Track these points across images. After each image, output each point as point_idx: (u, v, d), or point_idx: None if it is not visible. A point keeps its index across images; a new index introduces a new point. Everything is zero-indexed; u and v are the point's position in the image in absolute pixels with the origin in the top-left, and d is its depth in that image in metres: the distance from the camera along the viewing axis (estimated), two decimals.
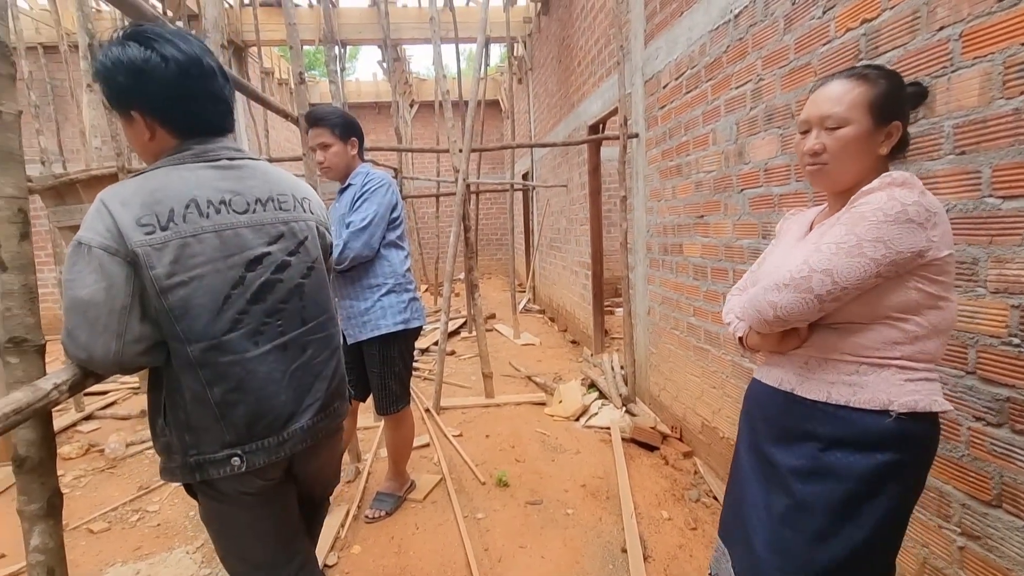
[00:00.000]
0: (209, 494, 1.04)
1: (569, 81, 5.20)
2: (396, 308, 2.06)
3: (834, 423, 0.98)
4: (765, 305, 0.99)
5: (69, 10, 5.03)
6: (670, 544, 2.02)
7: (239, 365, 0.98)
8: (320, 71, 15.92)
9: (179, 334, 0.93)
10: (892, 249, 0.89)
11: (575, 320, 5.43)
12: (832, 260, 0.92)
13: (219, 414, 0.97)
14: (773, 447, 1.08)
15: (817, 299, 0.94)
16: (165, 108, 0.96)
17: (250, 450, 1.00)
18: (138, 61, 0.90)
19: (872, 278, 0.91)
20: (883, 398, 0.94)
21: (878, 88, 0.97)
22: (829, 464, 0.98)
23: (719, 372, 2.45)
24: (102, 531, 2.27)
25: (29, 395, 0.77)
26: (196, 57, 0.96)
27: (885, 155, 1.00)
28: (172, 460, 1.00)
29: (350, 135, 2.05)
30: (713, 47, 2.38)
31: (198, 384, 0.95)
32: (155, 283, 0.89)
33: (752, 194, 2.14)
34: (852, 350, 0.97)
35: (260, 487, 1.05)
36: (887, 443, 0.94)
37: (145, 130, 0.97)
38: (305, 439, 1.09)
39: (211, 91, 0.99)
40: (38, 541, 0.86)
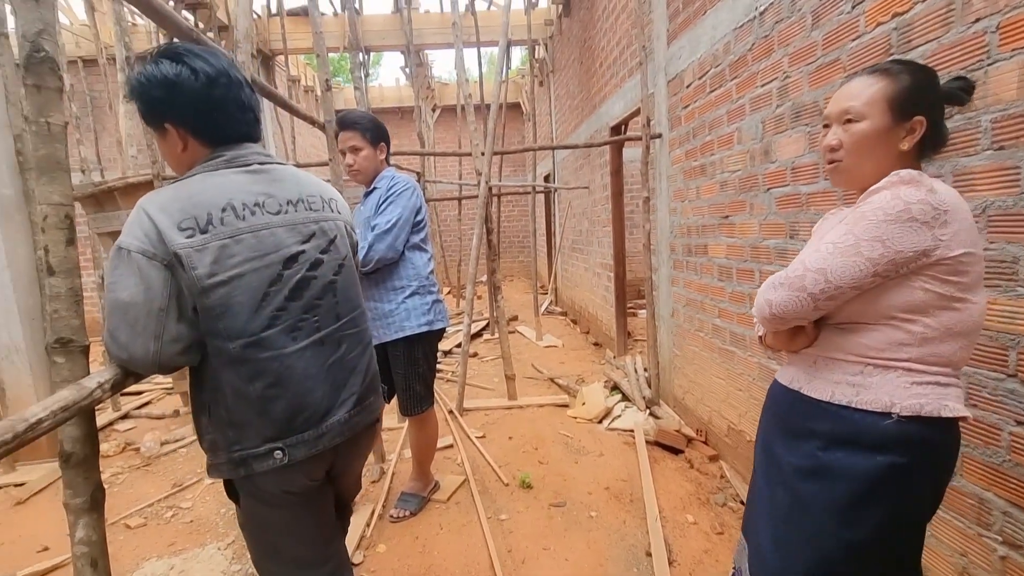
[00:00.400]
0: (253, 493, 1.07)
1: (591, 83, 5.18)
2: (420, 310, 2.09)
3: (835, 422, 0.97)
4: (763, 302, 1.01)
5: (107, 25, 5.23)
6: (695, 548, 1.99)
7: (278, 360, 1.01)
8: (344, 78, 16.20)
9: (220, 331, 0.96)
10: (890, 248, 0.88)
11: (597, 322, 5.40)
12: (827, 259, 0.93)
13: (260, 409, 1.00)
14: (779, 444, 1.08)
15: (811, 298, 0.94)
16: (196, 118, 1.00)
17: (291, 443, 1.03)
18: (171, 75, 0.96)
19: (869, 278, 0.90)
20: (886, 400, 0.92)
21: (899, 83, 0.95)
22: (828, 463, 0.97)
23: (745, 375, 2.41)
24: (139, 526, 2.34)
25: (75, 393, 0.81)
26: (224, 69, 1.01)
27: (908, 151, 0.97)
28: (218, 457, 1.04)
29: (379, 140, 2.09)
30: (738, 45, 2.34)
31: (239, 380, 0.99)
32: (197, 283, 0.93)
33: (779, 193, 2.10)
34: (857, 350, 0.96)
35: (304, 487, 1.08)
36: (888, 446, 0.92)
37: (178, 141, 1.02)
38: (343, 432, 1.11)
39: (238, 100, 1.04)
40: (83, 534, 0.90)
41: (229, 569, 2.00)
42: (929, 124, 0.95)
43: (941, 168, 1.38)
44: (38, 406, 0.75)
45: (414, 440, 2.31)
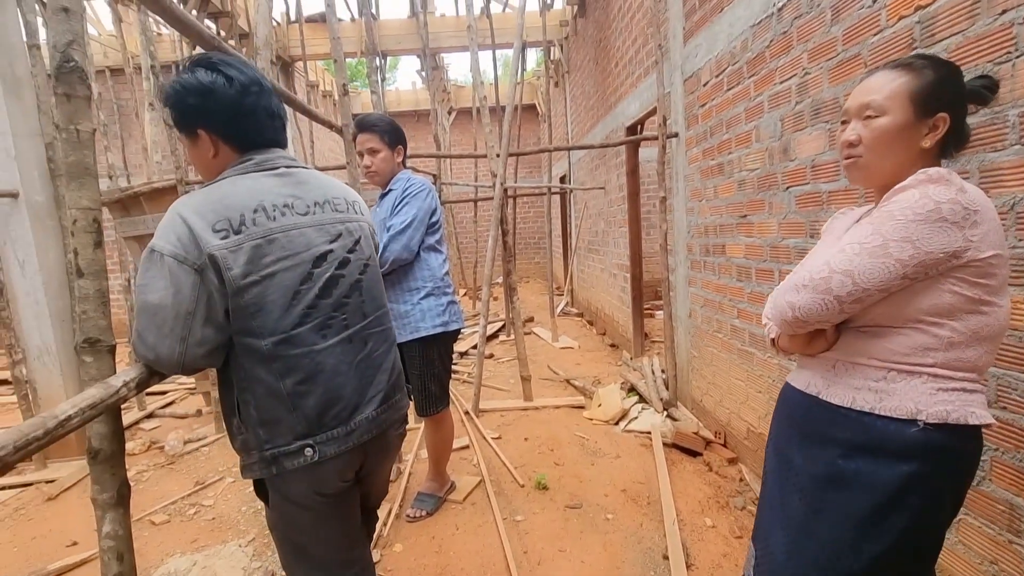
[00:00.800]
0: (283, 493, 1.08)
1: (606, 83, 5.17)
2: (435, 311, 2.10)
3: (856, 429, 0.94)
4: (784, 305, 0.97)
5: (133, 35, 5.38)
6: (714, 552, 1.97)
7: (308, 357, 1.03)
8: (361, 82, 16.40)
9: (254, 329, 0.99)
10: (921, 250, 0.85)
11: (614, 323, 5.37)
12: (854, 261, 0.89)
13: (291, 405, 1.02)
14: (794, 450, 1.05)
15: (837, 300, 0.91)
16: (228, 125, 1.04)
17: (321, 440, 1.04)
18: (206, 83, 0.99)
19: (898, 280, 0.87)
20: (910, 407, 0.89)
21: (923, 78, 0.92)
22: (849, 472, 0.94)
23: (765, 376, 2.37)
24: (163, 523, 2.40)
25: (102, 391, 0.83)
26: (256, 78, 1.05)
27: (929, 149, 0.94)
28: (250, 456, 1.06)
29: (397, 143, 2.11)
30: (756, 42, 2.31)
31: (271, 376, 1.00)
32: (233, 283, 0.95)
33: (799, 192, 2.07)
34: (880, 355, 0.93)
35: (335, 488, 1.10)
36: (912, 454, 0.89)
37: (211, 147, 1.05)
38: (371, 429, 1.13)
39: (269, 108, 1.08)
40: (109, 528, 0.92)
41: (250, 566, 2.04)
42: (952, 121, 0.92)
43: (967, 164, 1.34)
44: (67, 403, 0.77)
45: (430, 440, 2.32)
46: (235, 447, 1.08)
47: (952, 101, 0.93)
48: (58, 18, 0.80)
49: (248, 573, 1.99)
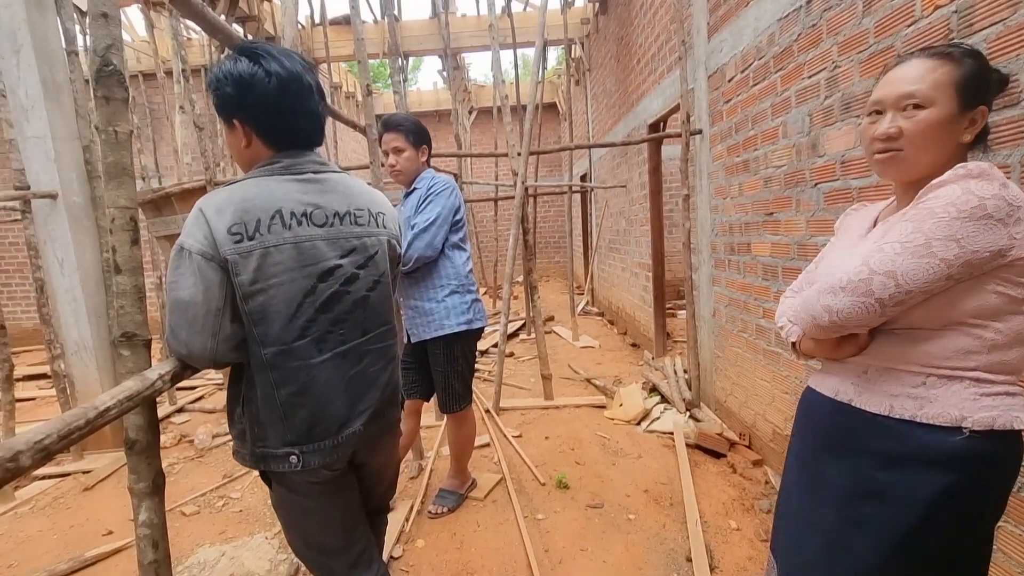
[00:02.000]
0: (281, 481, 1.12)
1: (628, 80, 5.12)
2: (459, 309, 2.11)
3: (895, 439, 0.89)
4: (820, 309, 0.92)
5: (165, 40, 5.54)
6: (739, 556, 1.94)
7: (304, 371, 1.04)
8: (383, 83, 16.57)
9: (256, 337, 1.00)
10: (966, 249, 0.80)
11: (635, 323, 5.32)
12: (896, 261, 0.84)
13: (283, 414, 1.04)
14: (824, 462, 1.00)
15: (878, 303, 0.86)
16: (263, 119, 1.03)
17: (307, 451, 1.06)
18: (245, 74, 0.98)
19: (942, 280, 0.83)
20: (954, 413, 0.84)
21: (965, 68, 0.87)
22: (887, 484, 0.90)
23: (792, 377, 2.32)
24: (193, 514, 2.47)
25: (139, 384, 0.86)
26: (297, 74, 1.02)
27: (965, 144, 0.90)
28: (243, 447, 1.09)
29: (422, 142, 2.12)
30: (783, 36, 2.27)
31: (268, 385, 1.02)
32: (239, 289, 0.97)
33: (827, 188, 2.02)
34: (919, 359, 0.88)
35: (325, 477, 1.12)
36: (956, 463, 0.85)
37: (243, 138, 1.05)
38: (356, 444, 1.14)
39: (306, 107, 1.05)
40: (145, 516, 0.95)
41: (276, 558, 2.08)
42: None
43: (1008, 157, 1.29)
44: (106, 395, 0.80)
45: (452, 437, 2.34)
46: (232, 433, 1.11)
47: (988, 93, 0.89)
48: (98, 23, 0.83)
49: (274, 565, 2.03)
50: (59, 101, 2.92)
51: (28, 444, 0.65)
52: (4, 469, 0.61)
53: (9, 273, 7.88)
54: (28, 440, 0.65)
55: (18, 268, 7.88)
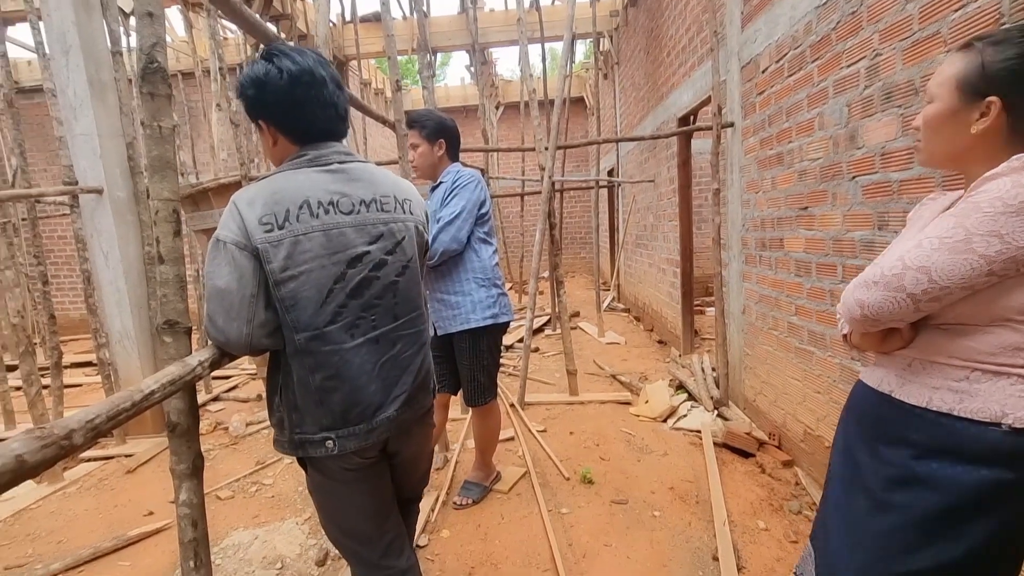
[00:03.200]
0: (317, 467, 1.15)
1: (657, 73, 5.04)
2: (486, 303, 2.12)
3: (932, 431, 0.89)
4: (853, 303, 0.92)
5: (203, 40, 5.71)
6: (767, 556, 1.90)
7: (337, 355, 1.06)
8: (412, 79, 16.71)
9: (289, 323, 1.03)
10: (1011, 244, 0.78)
11: (662, 319, 5.26)
12: (932, 256, 0.83)
13: (319, 399, 1.07)
14: (863, 450, 1.00)
15: (911, 299, 0.85)
16: (281, 116, 1.07)
17: (342, 435, 1.09)
18: (260, 75, 1.02)
19: (983, 277, 0.81)
20: (996, 409, 0.83)
21: (968, 61, 0.87)
22: (922, 473, 0.89)
23: (824, 376, 2.26)
24: (227, 498, 2.56)
25: (180, 369, 0.90)
26: (308, 68, 1.04)
27: (987, 135, 0.86)
28: (282, 435, 1.12)
29: (437, 136, 2.13)
30: (820, 24, 2.20)
31: (303, 370, 1.05)
32: (271, 276, 1.00)
33: (866, 181, 1.96)
34: (963, 354, 0.87)
35: (359, 463, 1.15)
36: (996, 458, 0.83)
37: (269, 137, 1.10)
38: (391, 428, 1.16)
39: (320, 99, 1.07)
40: (185, 496, 1.00)
41: (306, 543, 2.14)
42: (1008, 106, 0.84)
43: None
44: (150, 379, 0.84)
45: (477, 431, 2.36)
46: (272, 422, 1.14)
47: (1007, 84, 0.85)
48: (145, 22, 0.87)
49: (304, 549, 2.09)
50: (104, 99, 3.04)
51: (80, 423, 0.68)
52: (59, 446, 0.65)
53: (58, 265, 8.28)
54: (80, 419, 0.69)
55: (66, 260, 8.27)
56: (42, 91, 4.06)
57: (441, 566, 1.94)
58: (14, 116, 3.31)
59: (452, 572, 1.91)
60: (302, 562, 2.02)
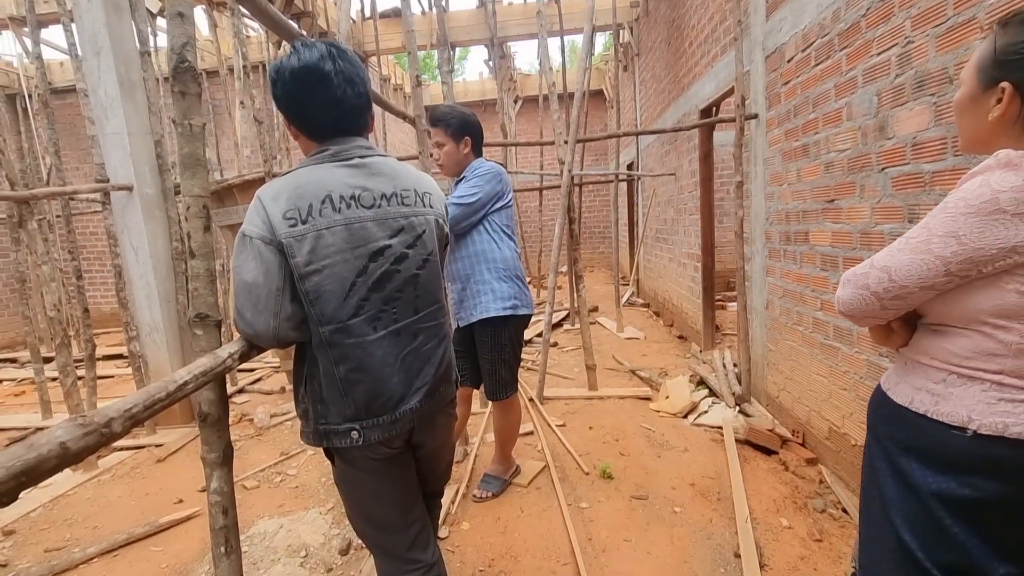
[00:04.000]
0: (343, 457, 1.17)
1: (679, 64, 4.96)
2: (506, 294, 2.12)
3: (912, 430, 0.90)
4: (836, 298, 0.97)
5: (227, 39, 5.80)
6: (790, 555, 1.88)
7: (360, 347, 1.08)
8: (430, 74, 16.75)
9: (313, 316, 1.05)
10: (967, 245, 0.78)
11: (682, 314, 5.20)
12: (895, 256, 0.86)
13: (343, 390, 1.08)
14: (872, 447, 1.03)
15: (875, 297, 0.89)
16: (291, 112, 1.09)
17: (367, 426, 1.10)
18: (272, 72, 1.04)
19: (941, 278, 0.82)
20: (963, 414, 0.83)
21: (989, 46, 0.84)
22: (905, 470, 0.91)
23: (851, 372, 2.21)
24: (253, 488, 2.62)
25: (211, 361, 0.92)
26: (312, 64, 1.01)
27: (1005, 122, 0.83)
28: (307, 426, 1.14)
29: (463, 134, 2.12)
30: (849, 11, 2.13)
31: (328, 362, 1.07)
32: (295, 270, 1.01)
33: (896, 173, 1.90)
34: (943, 356, 0.87)
35: (385, 453, 1.17)
36: (964, 466, 0.83)
37: (293, 132, 1.11)
38: (414, 419, 1.18)
39: (323, 97, 1.04)
40: (216, 484, 1.02)
41: (329, 532, 2.18)
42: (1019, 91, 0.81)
43: None
44: (183, 370, 0.86)
45: (497, 424, 2.37)
46: (297, 413, 1.17)
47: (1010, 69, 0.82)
48: (175, 22, 0.89)
49: (328, 539, 2.14)
50: (134, 99, 3.12)
51: (119, 412, 0.71)
52: (99, 434, 0.67)
53: (91, 260, 8.54)
54: (119, 408, 0.71)
55: (98, 256, 8.53)
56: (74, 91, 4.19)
57: (461, 558, 1.96)
58: (49, 116, 3.41)
59: (472, 564, 1.93)
60: (325, 551, 2.06)
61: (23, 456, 0.57)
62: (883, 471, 0.96)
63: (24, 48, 6.20)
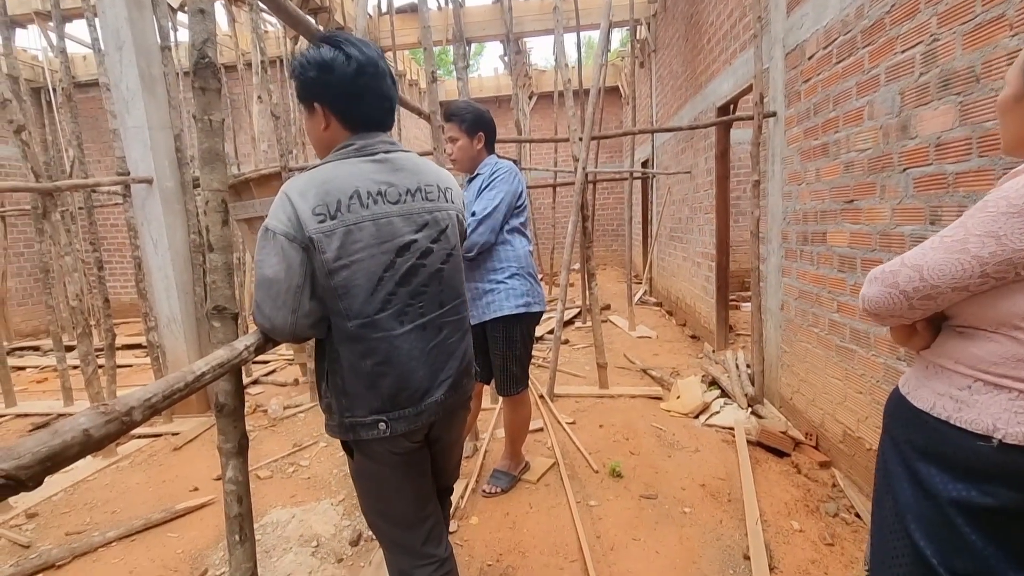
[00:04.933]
0: (364, 451, 1.18)
1: (696, 61, 4.91)
2: (519, 292, 2.13)
3: (932, 436, 0.88)
4: (860, 296, 0.93)
5: (244, 34, 5.86)
6: (800, 558, 1.86)
7: (387, 342, 1.09)
8: (445, 70, 16.76)
9: (341, 311, 1.06)
10: (1007, 246, 0.75)
11: (695, 314, 5.16)
12: (928, 255, 0.83)
13: (369, 383, 1.09)
14: (888, 450, 1.01)
15: (903, 295, 0.86)
16: (341, 101, 1.09)
17: (393, 418, 1.12)
18: (327, 59, 1.05)
19: (976, 279, 0.79)
20: (988, 422, 0.80)
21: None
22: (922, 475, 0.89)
23: (867, 376, 2.18)
24: (266, 478, 2.66)
25: (228, 353, 0.94)
26: (373, 59, 1.08)
27: None
28: (332, 419, 1.16)
29: (477, 130, 2.14)
30: (873, 8, 2.09)
31: (354, 356, 1.08)
32: (324, 265, 1.02)
33: (918, 173, 1.87)
34: (968, 361, 0.84)
35: (406, 448, 1.18)
36: (987, 474, 0.81)
37: (323, 120, 1.11)
38: (438, 412, 1.19)
39: (380, 90, 1.11)
40: (231, 474, 1.04)
41: (340, 523, 2.21)
42: None
43: None
44: (201, 362, 0.88)
45: (508, 420, 2.38)
46: (321, 407, 1.18)
47: None
48: (197, 19, 0.90)
49: (339, 530, 2.17)
50: (154, 93, 3.17)
51: (139, 401, 0.72)
52: (121, 422, 0.69)
53: (111, 252, 8.71)
54: (139, 398, 0.73)
55: (118, 247, 8.70)
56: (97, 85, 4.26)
57: (470, 551, 1.98)
58: (72, 109, 3.48)
59: (480, 558, 1.94)
60: (336, 541, 2.09)
61: (48, 442, 0.59)
62: (899, 475, 0.94)
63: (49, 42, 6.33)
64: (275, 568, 1.94)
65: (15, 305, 7.26)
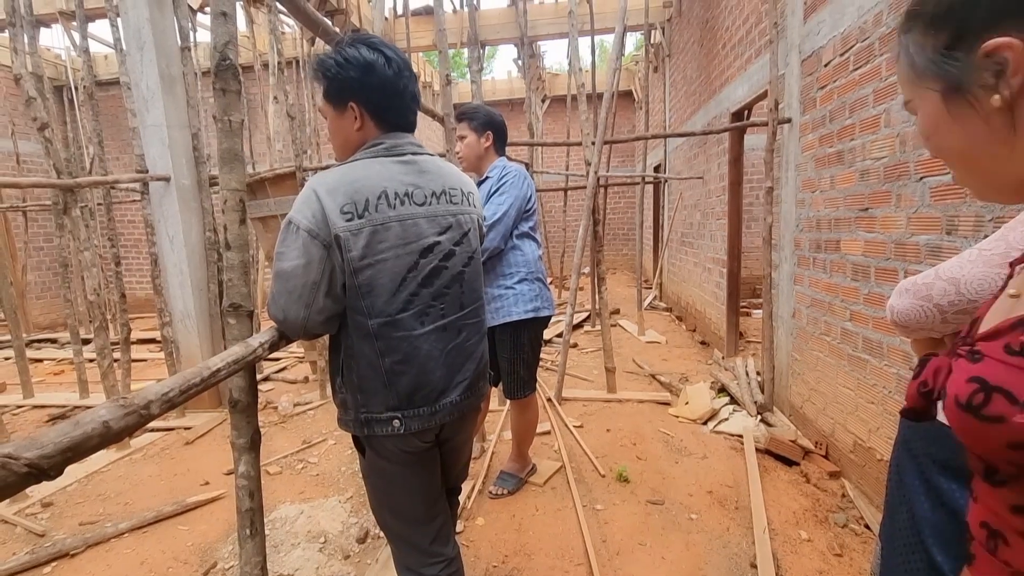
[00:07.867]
0: (376, 449, 1.19)
1: (711, 66, 4.89)
2: (528, 296, 2.14)
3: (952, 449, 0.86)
4: (888, 307, 0.90)
5: (262, 35, 5.94)
6: (808, 568, 1.84)
7: (407, 341, 1.10)
8: (459, 73, 16.84)
9: (364, 309, 1.07)
10: None
11: (705, 320, 5.13)
12: (965, 268, 0.79)
13: (387, 381, 1.11)
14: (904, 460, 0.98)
15: (937, 309, 0.82)
16: (379, 101, 1.11)
17: (408, 416, 1.13)
18: (369, 59, 1.07)
19: None
20: None
21: None
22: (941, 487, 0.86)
23: (879, 386, 2.16)
24: (276, 474, 2.69)
25: (243, 350, 0.95)
26: (408, 63, 1.14)
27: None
28: (347, 414, 1.17)
29: (485, 128, 2.16)
30: (892, 15, 2.08)
31: (374, 353, 1.09)
32: (350, 264, 1.04)
33: (935, 183, 1.85)
34: None
35: (417, 447, 1.19)
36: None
37: (356, 120, 1.12)
38: (452, 412, 1.20)
39: (413, 92, 1.15)
40: (243, 469, 1.06)
41: (348, 520, 2.23)
42: None
43: None
44: (216, 358, 0.90)
45: (515, 423, 2.38)
46: (335, 402, 1.19)
47: None
48: (219, 21, 0.92)
49: (346, 527, 2.18)
50: (173, 92, 3.22)
51: (157, 395, 0.74)
52: (139, 415, 0.71)
53: (127, 248, 8.86)
54: (157, 392, 0.75)
55: (134, 244, 8.84)
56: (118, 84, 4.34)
57: (476, 552, 1.98)
58: (93, 108, 3.55)
59: (486, 559, 1.95)
60: (344, 538, 2.11)
61: (70, 433, 0.61)
62: (916, 488, 0.93)
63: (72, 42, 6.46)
64: (283, 563, 1.97)
65: (34, 298, 7.40)
